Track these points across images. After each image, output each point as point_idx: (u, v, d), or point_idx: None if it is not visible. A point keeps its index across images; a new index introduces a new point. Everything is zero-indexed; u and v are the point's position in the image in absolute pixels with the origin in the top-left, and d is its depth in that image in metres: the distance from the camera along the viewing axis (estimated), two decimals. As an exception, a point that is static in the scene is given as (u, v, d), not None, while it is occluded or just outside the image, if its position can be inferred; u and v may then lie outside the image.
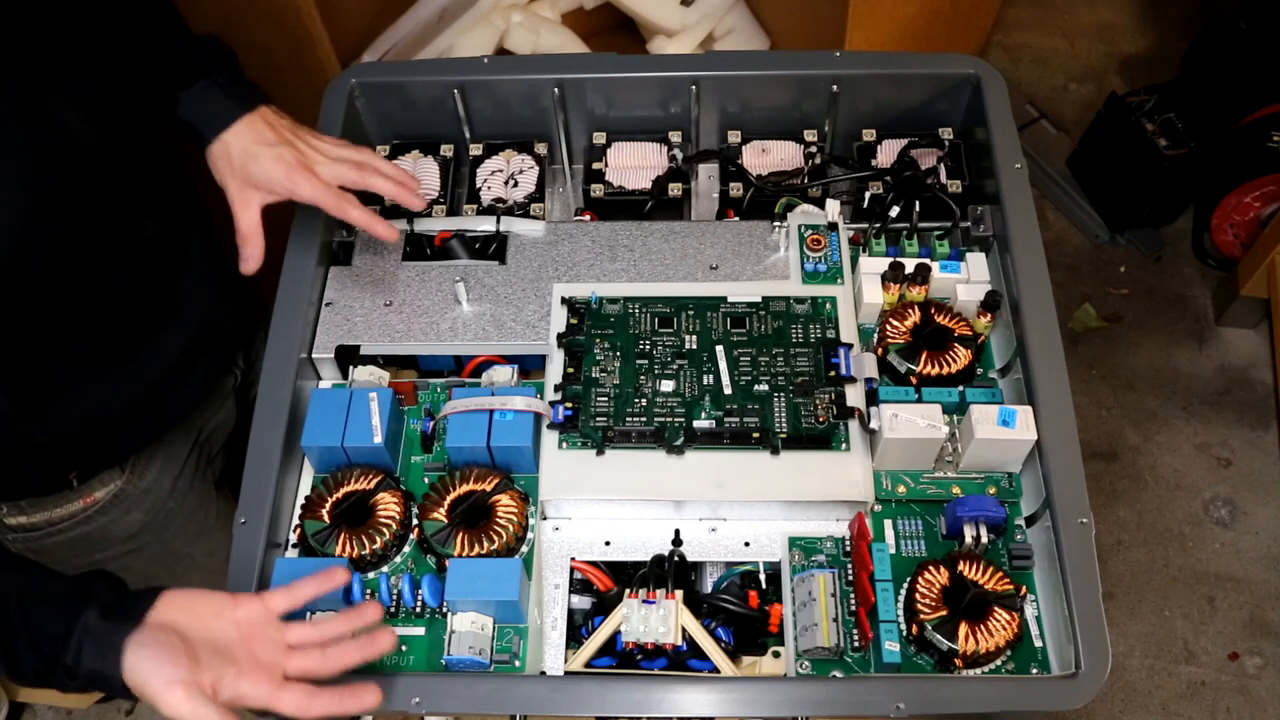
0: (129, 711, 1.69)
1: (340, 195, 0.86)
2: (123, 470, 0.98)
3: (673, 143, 1.08)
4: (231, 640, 0.69)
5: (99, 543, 1.00)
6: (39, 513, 0.96)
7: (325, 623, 0.72)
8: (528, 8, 1.70)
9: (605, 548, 0.89)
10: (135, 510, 1.01)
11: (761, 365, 0.93)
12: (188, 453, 1.05)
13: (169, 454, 1.03)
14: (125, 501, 0.99)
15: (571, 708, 0.77)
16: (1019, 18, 2.36)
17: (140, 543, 1.03)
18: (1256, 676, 1.65)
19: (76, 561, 1.00)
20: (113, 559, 1.02)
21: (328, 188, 0.86)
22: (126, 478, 0.99)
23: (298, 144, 0.86)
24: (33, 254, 0.79)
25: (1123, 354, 1.96)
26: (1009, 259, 0.95)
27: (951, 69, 1.06)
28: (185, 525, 1.06)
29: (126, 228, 0.89)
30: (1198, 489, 1.82)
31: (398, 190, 0.89)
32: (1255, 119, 1.87)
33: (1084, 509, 0.82)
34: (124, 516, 1.00)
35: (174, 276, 0.96)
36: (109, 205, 0.86)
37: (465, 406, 0.88)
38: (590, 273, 0.99)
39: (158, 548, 1.05)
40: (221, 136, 0.85)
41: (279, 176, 0.84)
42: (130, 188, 0.89)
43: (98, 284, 0.87)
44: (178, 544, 1.07)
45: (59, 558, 0.99)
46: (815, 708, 0.76)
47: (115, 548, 1.02)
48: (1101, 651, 0.77)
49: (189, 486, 1.05)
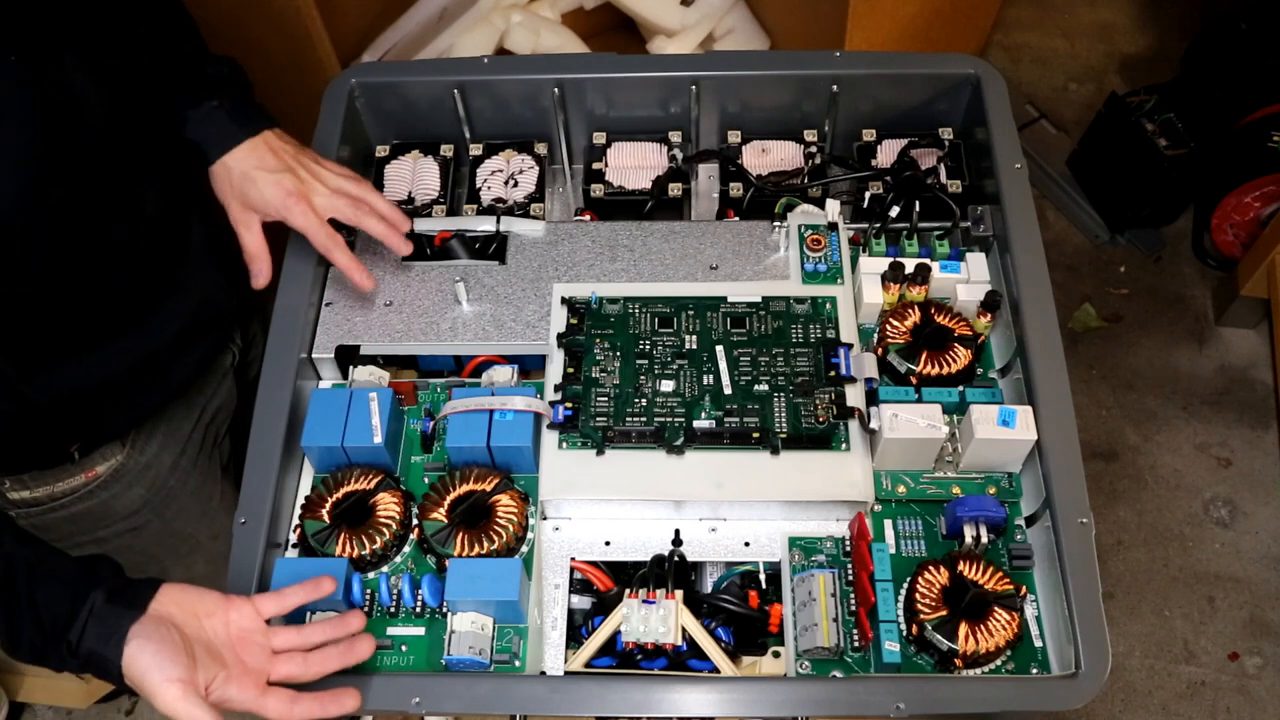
0: (129, 711, 1.69)
1: (329, 234, 0.90)
2: (123, 445, 0.99)
3: (673, 143, 1.08)
4: (223, 642, 0.72)
5: (101, 519, 1.01)
6: (41, 487, 0.96)
7: (309, 629, 0.75)
8: (528, 8, 1.70)
9: (605, 548, 0.89)
10: (136, 486, 1.01)
11: (761, 365, 0.93)
12: (189, 431, 1.06)
13: (170, 430, 1.03)
14: (126, 477, 1.00)
15: (571, 708, 0.77)
16: (1019, 18, 2.36)
17: (142, 520, 1.04)
18: (1256, 676, 1.65)
19: (80, 539, 1.02)
20: (115, 536, 1.03)
21: (320, 222, 0.89)
22: (127, 452, 0.99)
23: (299, 170, 0.89)
24: (35, 215, 0.79)
25: (1123, 354, 1.96)
26: (1009, 259, 0.95)
27: (951, 69, 1.06)
28: (188, 505, 1.07)
29: (129, 198, 0.90)
30: (1198, 489, 1.82)
31: (387, 233, 0.92)
32: (1255, 119, 1.87)
33: (1084, 509, 0.82)
34: (125, 492, 1.01)
35: (175, 254, 0.97)
36: (113, 173, 0.87)
37: (465, 406, 0.88)
38: (590, 273, 0.99)
39: (160, 526, 1.06)
40: (223, 159, 0.88)
41: (275, 202, 0.88)
42: (134, 160, 0.90)
43: (99, 252, 0.88)
44: (180, 524, 1.08)
45: (62, 534, 1.00)
46: (815, 708, 0.76)
47: (118, 524, 1.02)
48: (1101, 651, 0.77)
49: (192, 465, 1.06)
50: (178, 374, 1.01)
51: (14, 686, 1.63)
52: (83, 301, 0.88)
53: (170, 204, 0.95)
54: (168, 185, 0.95)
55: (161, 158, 0.95)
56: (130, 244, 0.91)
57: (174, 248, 0.97)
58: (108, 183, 0.86)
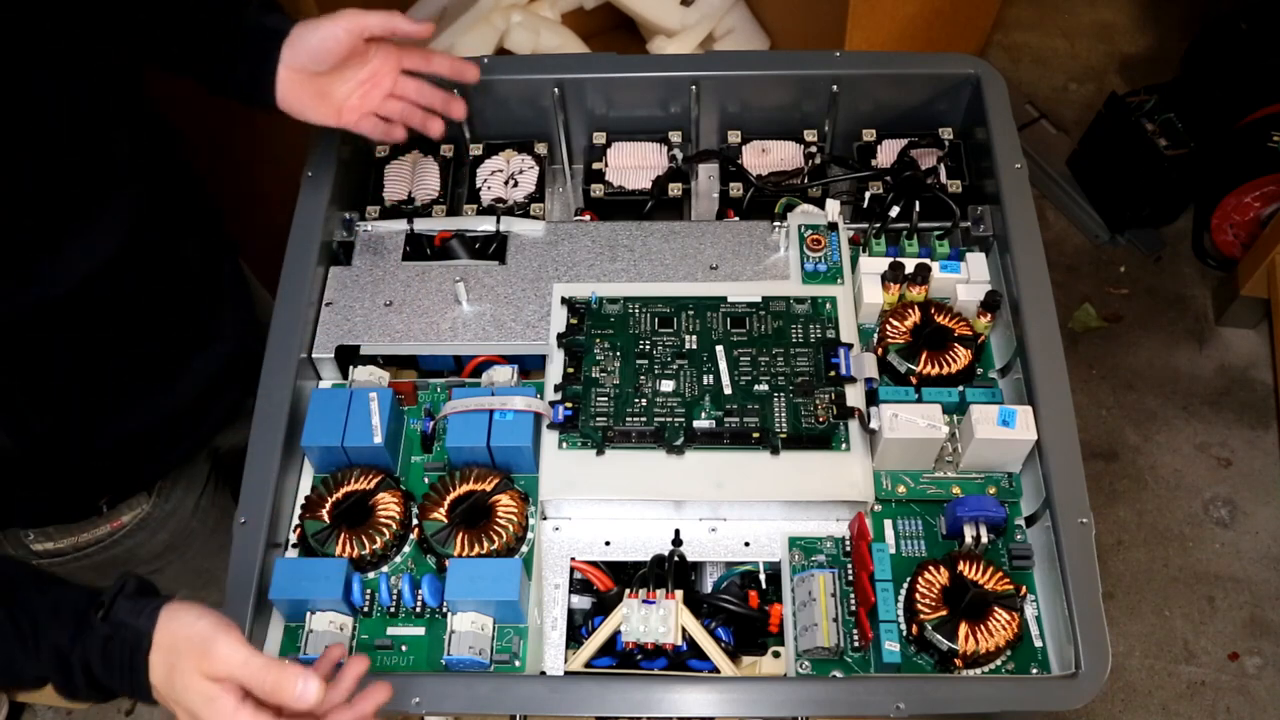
0: (129, 712, 1.69)
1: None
2: (149, 494, 0.99)
3: (673, 143, 1.08)
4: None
5: (124, 564, 1.00)
6: (66, 538, 0.96)
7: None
8: (528, 8, 1.70)
9: (605, 548, 0.89)
10: (160, 532, 1.01)
11: (761, 365, 0.93)
12: (209, 471, 1.06)
13: (192, 475, 1.03)
14: (151, 525, 1.00)
15: (571, 708, 0.77)
16: (1019, 18, 2.36)
17: (164, 562, 1.03)
18: (1256, 676, 1.65)
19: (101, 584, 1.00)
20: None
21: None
22: (154, 501, 0.99)
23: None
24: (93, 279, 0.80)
25: (1123, 354, 1.96)
26: (1009, 259, 0.95)
27: (951, 69, 1.06)
28: (207, 542, 1.07)
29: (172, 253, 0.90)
30: (1198, 489, 1.82)
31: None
32: (1255, 119, 1.87)
33: (1084, 509, 0.82)
34: (149, 539, 1.00)
35: (209, 303, 0.97)
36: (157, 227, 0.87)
37: (465, 406, 0.88)
38: (590, 273, 0.99)
39: (180, 565, 1.05)
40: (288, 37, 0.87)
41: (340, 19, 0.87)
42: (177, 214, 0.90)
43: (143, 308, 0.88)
44: (199, 560, 1.07)
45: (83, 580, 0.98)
46: (815, 708, 0.76)
47: (140, 568, 1.01)
48: (1101, 651, 0.77)
49: (210, 504, 1.06)
50: (208, 422, 1.00)
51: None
52: (121, 357, 0.88)
53: (208, 251, 0.96)
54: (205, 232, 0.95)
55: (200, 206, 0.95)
56: (169, 296, 0.91)
57: (208, 292, 0.97)
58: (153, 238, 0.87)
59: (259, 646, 0.83)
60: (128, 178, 0.83)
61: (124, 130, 0.83)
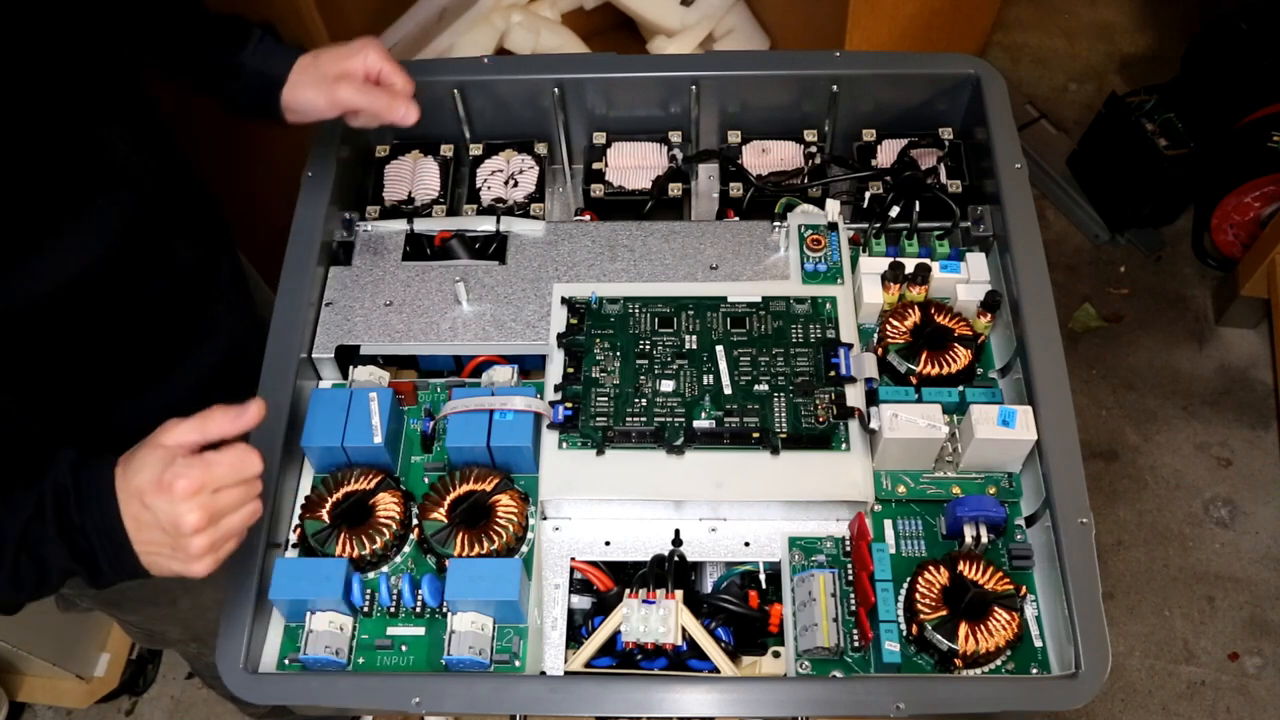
0: (129, 712, 1.69)
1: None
2: None
3: (673, 143, 1.08)
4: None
5: None
6: None
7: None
8: (528, 8, 1.70)
9: (605, 548, 0.89)
10: None
11: (761, 365, 0.93)
12: None
13: None
14: None
15: (571, 708, 0.77)
16: (1019, 18, 2.36)
17: None
18: (1256, 676, 1.65)
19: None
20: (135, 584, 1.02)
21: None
22: None
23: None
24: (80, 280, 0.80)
25: (1123, 354, 1.96)
26: (1009, 259, 0.95)
27: (951, 69, 1.06)
28: None
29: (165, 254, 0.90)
30: (1198, 489, 1.82)
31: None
32: (1255, 119, 1.87)
33: (1084, 509, 0.82)
34: None
35: (204, 301, 0.96)
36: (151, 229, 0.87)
37: (465, 406, 0.88)
38: (590, 273, 0.99)
39: None
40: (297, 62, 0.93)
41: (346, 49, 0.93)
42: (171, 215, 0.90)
43: (133, 308, 0.87)
44: None
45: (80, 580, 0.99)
46: (815, 708, 0.76)
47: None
48: (1101, 651, 0.77)
49: None
50: None
51: (14, 686, 1.63)
52: (114, 357, 0.88)
53: (203, 248, 0.96)
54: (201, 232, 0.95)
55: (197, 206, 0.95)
56: (162, 294, 0.90)
57: (204, 290, 0.97)
58: (146, 239, 0.86)
59: (259, 646, 0.83)
60: (122, 177, 0.83)
61: (119, 130, 0.83)
